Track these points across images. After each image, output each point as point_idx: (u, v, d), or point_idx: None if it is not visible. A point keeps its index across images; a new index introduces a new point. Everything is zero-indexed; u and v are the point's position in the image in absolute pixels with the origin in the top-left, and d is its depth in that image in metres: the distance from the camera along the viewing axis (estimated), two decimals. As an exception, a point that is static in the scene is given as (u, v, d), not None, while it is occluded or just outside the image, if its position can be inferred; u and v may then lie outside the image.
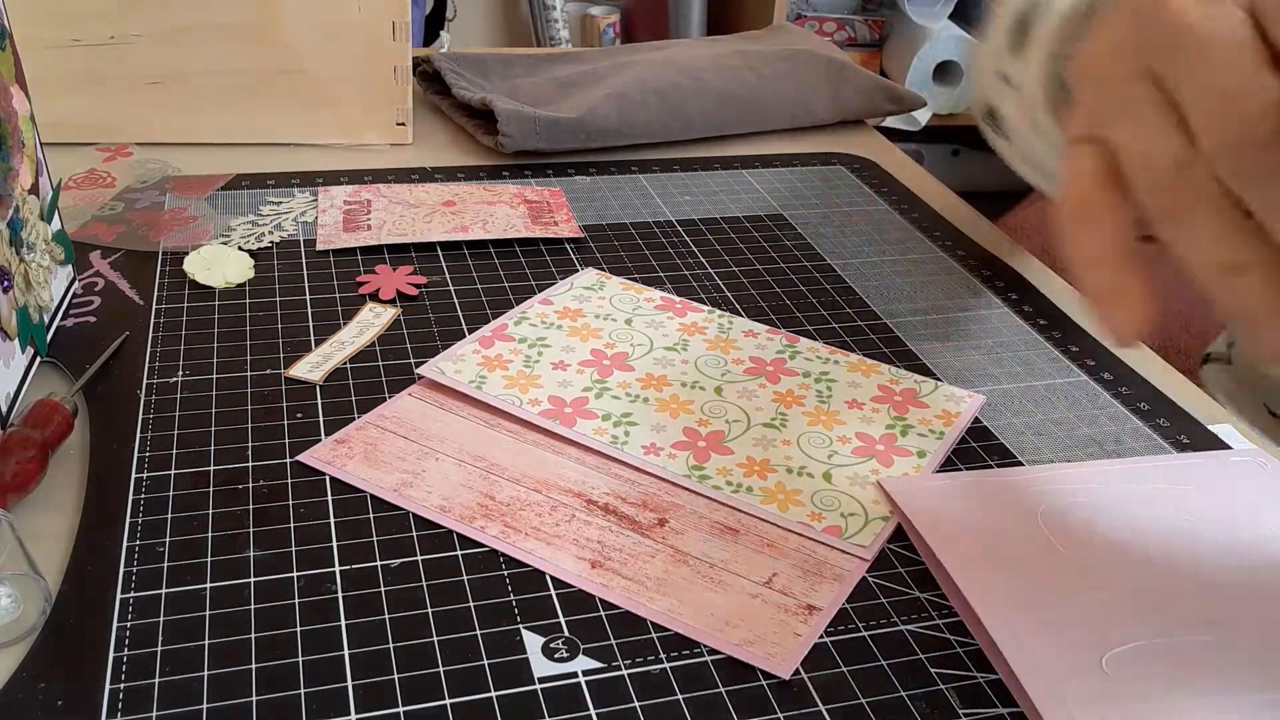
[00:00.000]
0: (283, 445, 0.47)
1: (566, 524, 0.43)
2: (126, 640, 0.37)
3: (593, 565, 0.41)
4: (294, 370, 0.52)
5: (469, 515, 0.43)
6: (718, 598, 0.40)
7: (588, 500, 0.44)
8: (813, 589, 0.41)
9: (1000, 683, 0.38)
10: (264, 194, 0.70)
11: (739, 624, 0.39)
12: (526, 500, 0.44)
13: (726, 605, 0.40)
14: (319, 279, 0.60)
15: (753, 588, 0.40)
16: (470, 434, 0.48)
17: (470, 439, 0.47)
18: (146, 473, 0.45)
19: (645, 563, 0.41)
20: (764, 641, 0.38)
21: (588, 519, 0.43)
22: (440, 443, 0.47)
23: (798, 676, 0.37)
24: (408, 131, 0.79)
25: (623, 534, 0.43)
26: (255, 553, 0.41)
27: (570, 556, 0.41)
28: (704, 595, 0.40)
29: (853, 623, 0.40)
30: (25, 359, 0.49)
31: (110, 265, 0.60)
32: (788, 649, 0.38)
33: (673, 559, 0.42)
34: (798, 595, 0.40)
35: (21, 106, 0.52)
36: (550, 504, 0.44)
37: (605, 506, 0.44)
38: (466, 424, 0.48)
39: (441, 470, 0.45)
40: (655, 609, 0.39)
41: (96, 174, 0.72)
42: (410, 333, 0.55)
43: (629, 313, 0.57)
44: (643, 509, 0.44)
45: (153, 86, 0.75)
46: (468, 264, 0.63)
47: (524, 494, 0.44)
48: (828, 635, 0.39)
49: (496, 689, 0.36)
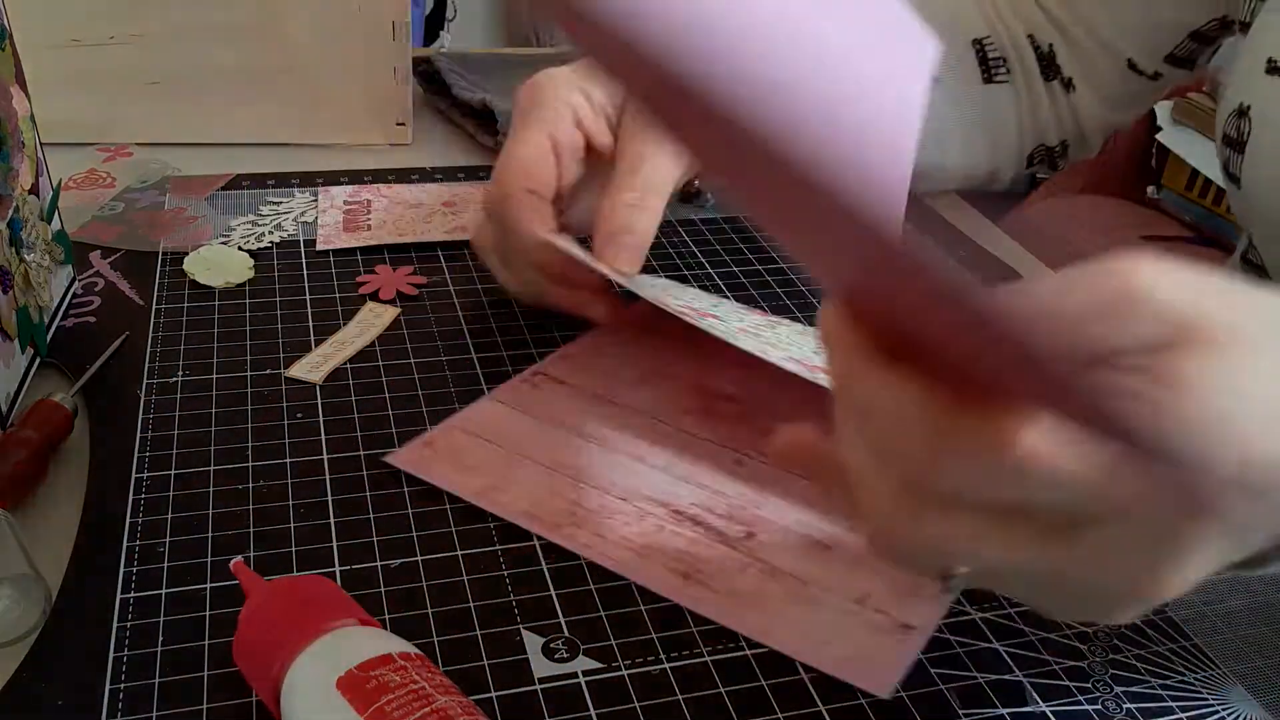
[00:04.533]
0: (283, 445, 0.47)
1: (655, 534, 0.43)
2: (126, 640, 0.37)
3: (684, 578, 0.41)
4: (294, 370, 0.52)
5: (557, 523, 0.43)
6: (811, 615, 0.39)
7: (674, 510, 0.44)
8: (908, 607, 0.40)
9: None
10: (264, 194, 0.70)
11: (834, 641, 0.38)
12: (614, 509, 0.44)
13: (821, 622, 0.39)
14: (319, 279, 0.60)
15: (846, 605, 0.40)
16: (554, 441, 0.47)
17: (555, 446, 0.47)
18: (146, 473, 0.45)
19: (736, 577, 0.41)
20: (862, 660, 0.38)
21: (676, 529, 0.43)
22: (525, 449, 0.47)
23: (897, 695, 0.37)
24: (408, 131, 0.79)
25: (711, 546, 0.42)
26: (255, 552, 0.41)
27: (660, 569, 0.41)
28: (797, 612, 0.40)
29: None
30: (25, 359, 0.49)
31: (110, 265, 0.60)
32: (886, 668, 0.38)
33: (763, 573, 0.41)
34: (893, 613, 0.40)
35: (21, 106, 0.52)
36: (638, 514, 0.44)
37: (693, 518, 0.44)
38: (550, 431, 0.48)
39: (527, 476, 0.45)
40: (749, 625, 0.39)
41: (96, 174, 0.72)
42: (410, 333, 0.55)
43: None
44: (730, 521, 0.43)
45: (153, 86, 0.75)
46: (468, 264, 0.63)
47: (611, 502, 0.44)
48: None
49: (496, 689, 0.36)
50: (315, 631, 0.33)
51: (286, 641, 0.32)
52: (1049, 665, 0.38)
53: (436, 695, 0.31)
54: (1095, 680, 0.38)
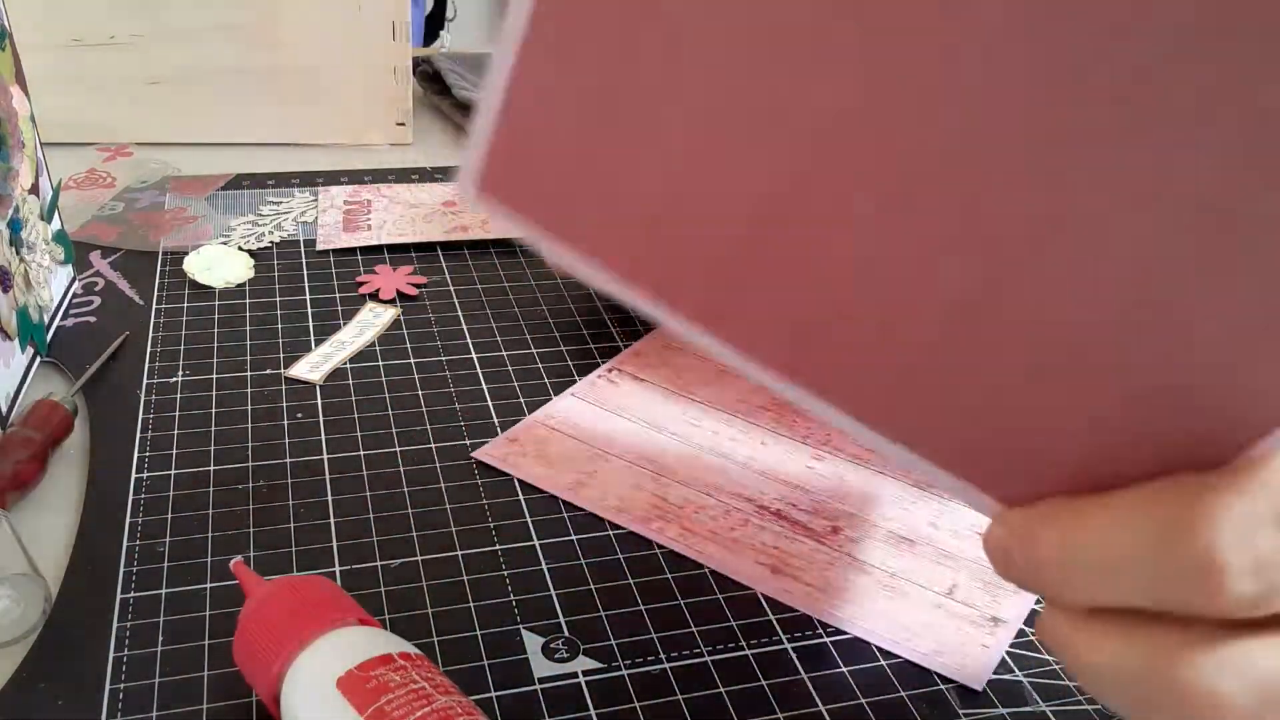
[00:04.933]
0: (283, 445, 0.47)
1: (741, 528, 0.43)
2: (126, 640, 0.37)
3: (772, 571, 0.41)
4: (294, 370, 0.52)
5: (645, 517, 0.43)
6: (899, 607, 0.40)
7: (759, 505, 0.44)
8: (995, 600, 0.40)
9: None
10: (264, 194, 0.70)
11: (924, 634, 0.39)
12: (700, 503, 0.44)
13: (909, 614, 0.40)
14: (319, 279, 0.60)
15: (934, 598, 0.40)
16: (637, 436, 0.48)
17: (638, 441, 0.48)
18: (146, 473, 0.45)
19: (824, 570, 0.41)
20: (952, 653, 0.38)
21: (761, 524, 0.43)
22: (609, 444, 0.47)
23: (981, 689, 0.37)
24: (408, 131, 0.79)
25: (798, 540, 0.43)
26: (255, 552, 0.41)
27: (749, 562, 0.42)
28: (886, 604, 0.40)
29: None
30: (25, 359, 0.49)
31: (110, 265, 0.60)
32: (977, 660, 0.38)
33: (851, 567, 0.42)
34: (980, 607, 0.40)
35: (21, 106, 0.52)
36: (723, 508, 0.44)
37: (777, 512, 0.44)
38: (632, 426, 0.49)
39: (613, 471, 0.46)
40: (838, 616, 0.39)
41: (96, 174, 0.72)
42: (410, 333, 0.55)
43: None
44: (815, 516, 0.44)
45: (153, 86, 0.75)
46: (468, 264, 0.63)
47: (696, 497, 0.45)
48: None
49: (496, 689, 0.36)
50: (315, 631, 0.32)
51: (286, 641, 0.32)
52: (1049, 665, 0.38)
53: (437, 695, 0.31)
54: (1095, 680, 0.38)
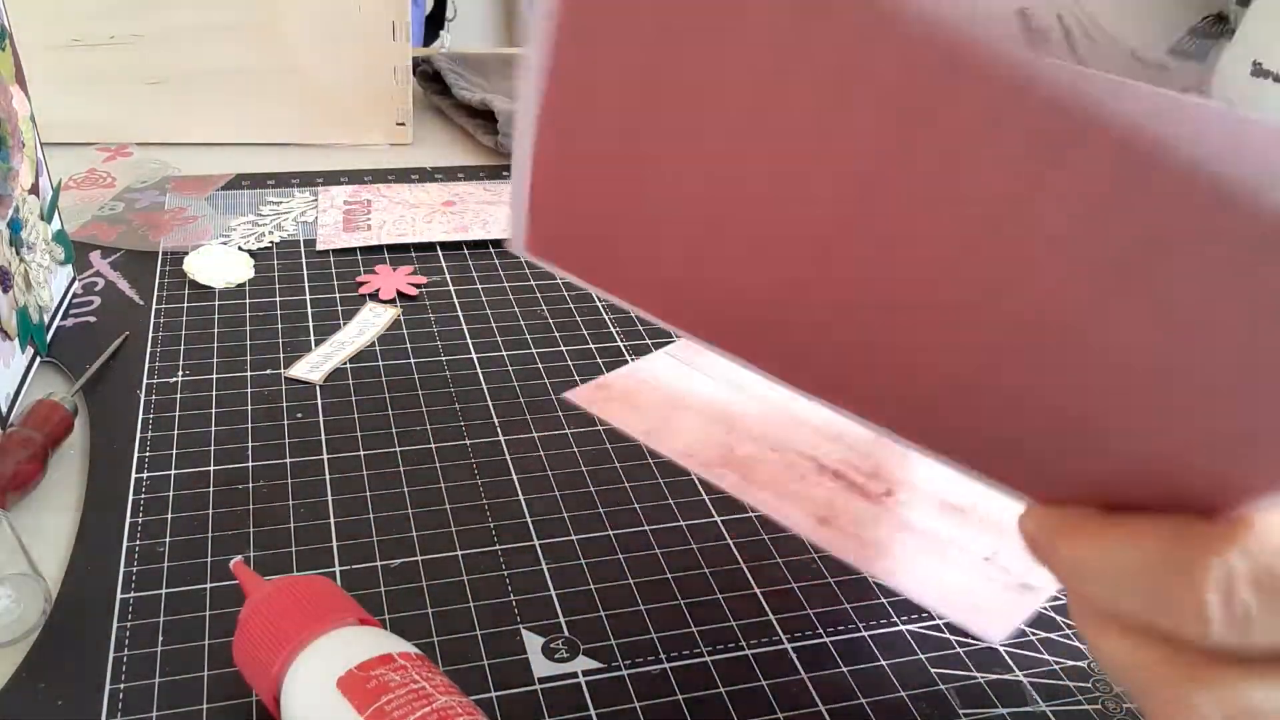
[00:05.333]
0: (283, 445, 0.47)
1: (798, 483, 0.45)
2: (126, 640, 0.37)
3: (820, 522, 0.43)
4: (294, 370, 0.52)
5: (710, 463, 0.46)
6: (939, 567, 0.42)
7: (819, 464, 0.47)
8: (1032, 568, 0.41)
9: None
10: (264, 194, 0.70)
11: (958, 593, 0.41)
12: (762, 458, 0.47)
13: (947, 574, 0.41)
14: (319, 279, 0.60)
15: (974, 561, 0.42)
16: (717, 392, 0.51)
17: (716, 397, 0.51)
18: (146, 473, 0.45)
19: (871, 527, 0.43)
20: (978, 610, 0.40)
21: (818, 480, 0.46)
22: (688, 396, 0.51)
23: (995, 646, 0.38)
24: (408, 131, 0.79)
25: (851, 499, 0.45)
26: (255, 552, 0.41)
27: (799, 512, 0.44)
28: (926, 562, 0.42)
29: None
30: (25, 359, 0.49)
31: (110, 265, 0.60)
32: (1001, 619, 0.39)
33: (898, 526, 0.43)
34: (1016, 572, 0.42)
35: (21, 106, 0.52)
36: (784, 463, 0.47)
37: (835, 472, 0.46)
38: (713, 384, 0.52)
39: (687, 422, 0.49)
40: (878, 570, 0.41)
41: (96, 174, 0.72)
42: (410, 333, 0.55)
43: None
44: (872, 479, 0.46)
45: (153, 86, 0.75)
46: (468, 264, 0.63)
47: (761, 452, 0.47)
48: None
49: (496, 689, 0.36)
50: (315, 631, 0.32)
51: (286, 641, 0.32)
52: (1049, 665, 0.38)
53: (436, 695, 0.31)
54: (1095, 680, 0.38)
